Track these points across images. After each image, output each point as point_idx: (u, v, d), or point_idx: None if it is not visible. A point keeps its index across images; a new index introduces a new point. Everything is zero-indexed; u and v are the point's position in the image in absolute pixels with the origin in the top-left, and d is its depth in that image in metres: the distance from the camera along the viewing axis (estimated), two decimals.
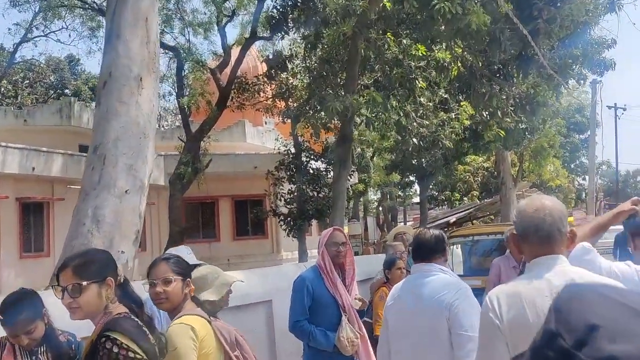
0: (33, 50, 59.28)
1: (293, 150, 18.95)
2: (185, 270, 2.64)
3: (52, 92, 31.95)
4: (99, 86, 5.86)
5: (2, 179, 15.46)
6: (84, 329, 2.56)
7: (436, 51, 11.07)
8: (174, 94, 19.34)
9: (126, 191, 5.44)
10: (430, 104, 11.80)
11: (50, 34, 24.55)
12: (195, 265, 3.73)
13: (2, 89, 30.10)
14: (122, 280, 2.31)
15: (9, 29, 58.38)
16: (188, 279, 2.61)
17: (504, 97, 11.61)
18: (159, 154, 19.53)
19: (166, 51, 19.80)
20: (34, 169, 15.86)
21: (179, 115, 21.34)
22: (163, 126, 25.62)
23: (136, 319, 2.20)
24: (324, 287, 4.08)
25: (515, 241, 2.19)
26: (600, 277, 2.14)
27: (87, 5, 19.28)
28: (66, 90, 32.10)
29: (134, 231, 5.47)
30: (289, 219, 18.25)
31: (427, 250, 3.15)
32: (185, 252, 3.82)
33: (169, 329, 2.43)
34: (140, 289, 2.64)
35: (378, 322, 5.20)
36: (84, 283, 2.13)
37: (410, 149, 13.99)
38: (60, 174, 16.18)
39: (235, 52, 18.24)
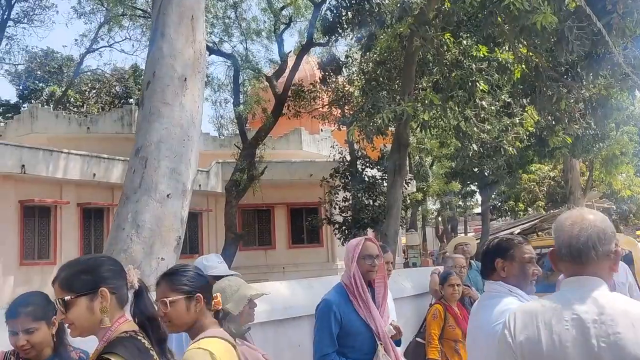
0: (98, 60, 61.61)
1: (348, 157, 18.62)
2: (191, 284, 2.30)
3: (117, 101, 32.92)
4: (143, 87, 5.71)
5: (64, 185, 15.89)
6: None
7: (498, 52, 10.47)
8: (231, 101, 19.41)
9: (168, 195, 5.23)
10: (492, 108, 11.15)
11: (114, 44, 25.34)
12: (220, 277, 3.44)
13: (70, 98, 31.29)
14: (136, 289, 1.98)
15: (76, 40, 61.00)
16: (198, 294, 2.28)
17: (573, 100, 10.85)
18: (217, 161, 19.67)
19: (225, 59, 19.99)
20: (94, 175, 16.24)
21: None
22: (222, 134, 25.82)
23: (143, 340, 1.88)
24: (354, 311, 3.36)
25: (552, 257, 1.96)
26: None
27: (147, 14, 19.66)
28: (130, 100, 33.01)
29: (175, 237, 5.25)
30: (343, 227, 17.90)
31: (483, 265, 2.77)
32: (216, 260, 3.54)
33: (184, 355, 2.11)
34: None
35: (431, 345, 4.74)
36: (67, 297, 1.85)
37: (470, 156, 13.33)
38: (120, 180, 16.44)
39: (292, 60, 18.14)
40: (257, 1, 21.18)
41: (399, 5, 9.60)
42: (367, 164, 18.52)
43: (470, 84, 10.16)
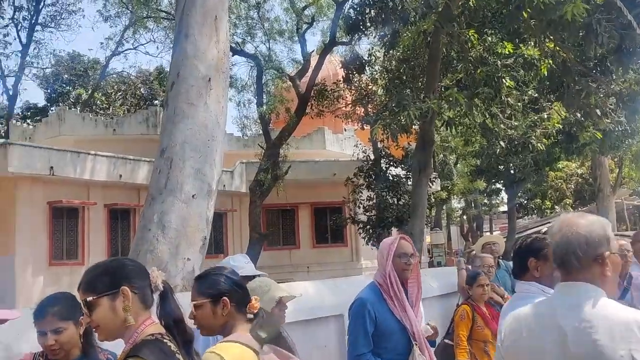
0: (124, 63, 62.56)
1: (372, 156, 18.54)
2: (218, 288, 2.28)
3: (143, 103, 33.31)
4: (167, 88, 5.74)
5: (92, 186, 16.12)
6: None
7: (524, 48, 10.29)
8: (255, 101, 19.49)
9: (193, 196, 5.24)
10: (519, 105, 10.97)
11: (139, 46, 25.66)
12: (251, 277, 3.41)
13: (97, 101, 31.75)
14: (161, 290, 1.96)
15: (101, 43, 61.80)
16: (224, 298, 2.25)
17: (602, 95, 10.61)
18: (241, 161, 19.76)
19: (248, 60, 20.08)
20: (121, 176, 16.43)
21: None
22: (245, 134, 25.96)
23: (170, 343, 1.86)
24: (389, 310, 3.29)
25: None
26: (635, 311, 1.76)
27: (171, 16, 19.83)
28: (155, 101, 33.38)
29: (201, 237, 5.26)
30: (367, 226, 17.83)
31: (515, 266, 2.75)
32: (243, 260, 3.53)
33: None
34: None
35: (460, 346, 4.66)
36: (90, 298, 1.87)
37: (497, 153, 13.14)
38: (145, 181, 16.59)
39: (314, 59, 18.13)
40: (280, 1, 21.27)
41: (423, 2, 9.50)
42: (391, 163, 18.42)
43: (495, 80, 10.01)
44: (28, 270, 14.42)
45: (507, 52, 9.90)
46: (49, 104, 33.42)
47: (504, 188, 25.51)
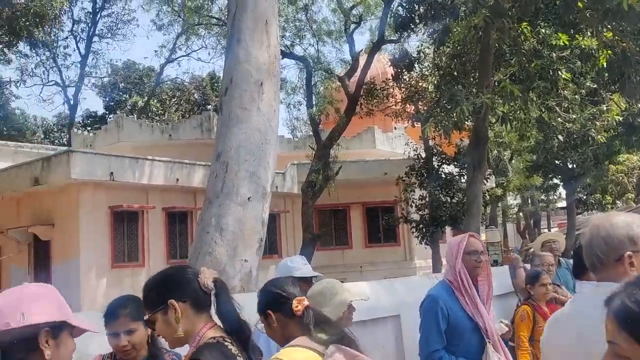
0: (177, 69, 64.22)
1: (424, 154, 18.34)
2: (260, 305, 2.33)
3: (196, 108, 34.14)
4: (221, 93, 5.86)
5: (150, 190, 16.62)
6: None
7: (580, 38, 9.96)
8: (304, 103, 19.63)
9: (248, 198, 5.34)
10: (577, 97, 10.63)
11: (191, 53, 26.24)
12: (308, 279, 3.44)
13: (152, 107, 32.72)
14: (213, 291, 1.99)
15: (155, 51, 63.61)
16: (267, 311, 2.28)
17: None
18: (292, 162, 19.94)
19: (297, 62, 20.26)
20: (177, 180, 16.87)
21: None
22: (296, 136, 26.17)
23: (230, 345, 1.90)
24: (461, 308, 3.24)
25: None
26: None
27: (221, 22, 20.21)
28: (208, 106, 34.12)
29: (257, 239, 5.35)
30: (420, 225, 17.67)
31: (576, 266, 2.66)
32: (300, 262, 3.57)
33: None
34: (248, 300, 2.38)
35: (521, 348, 4.56)
36: (145, 317, 1.98)
37: (555, 148, 12.77)
38: (201, 184, 16.96)
39: (363, 59, 18.10)
40: (327, 2, 21.32)
41: None
42: (444, 160, 18.19)
43: (551, 73, 9.75)
44: (92, 273, 14.99)
45: (563, 44, 9.61)
46: (107, 112, 34.68)
47: (562, 183, 24.77)
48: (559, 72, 9.51)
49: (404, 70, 15.73)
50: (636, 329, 1.09)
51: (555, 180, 25.81)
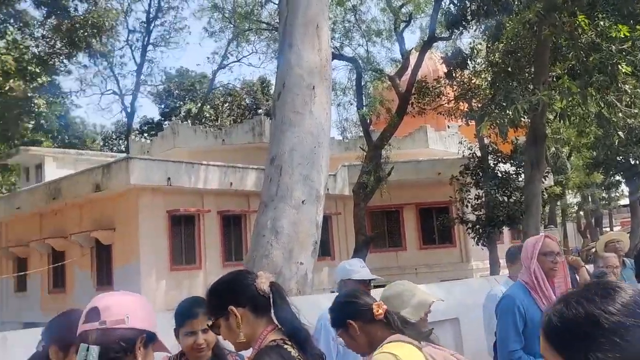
0: (229, 75, 65.47)
1: (478, 153, 17.97)
2: (340, 319, 2.37)
3: (248, 113, 34.71)
4: (274, 98, 5.92)
5: (206, 195, 16.96)
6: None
7: None
8: (355, 104, 19.59)
9: (303, 201, 5.37)
10: (638, 91, 10.18)
11: (242, 58, 26.66)
12: (367, 281, 3.42)
13: (205, 113, 33.42)
14: (268, 294, 2.01)
15: (208, 58, 64.86)
16: (349, 322, 2.31)
17: None
18: (343, 164, 19.94)
19: (346, 63, 20.27)
20: (231, 184, 17.15)
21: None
22: (346, 137, 26.16)
23: (290, 348, 1.92)
24: (538, 308, 3.22)
25: None
26: None
27: (271, 27, 20.44)
28: (259, 110, 34.63)
29: (312, 242, 5.37)
30: (477, 226, 17.30)
31: None
32: (358, 264, 3.56)
33: None
34: (315, 302, 2.40)
35: None
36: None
37: (615, 144, 12.27)
38: (254, 187, 17.23)
39: (413, 57, 17.91)
40: (376, 2, 21.23)
41: None
42: (500, 159, 17.77)
43: (610, 67, 9.37)
44: (152, 276, 15.42)
45: (623, 36, 9.23)
46: (163, 119, 35.66)
47: (624, 180, 23.75)
48: (619, 66, 9.12)
49: (456, 68, 15.46)
50: (556, 340, 1.09)
51: (617, 177, 24.80)
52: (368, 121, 18.49)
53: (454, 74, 16.22)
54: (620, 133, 10.63)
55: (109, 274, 16.08)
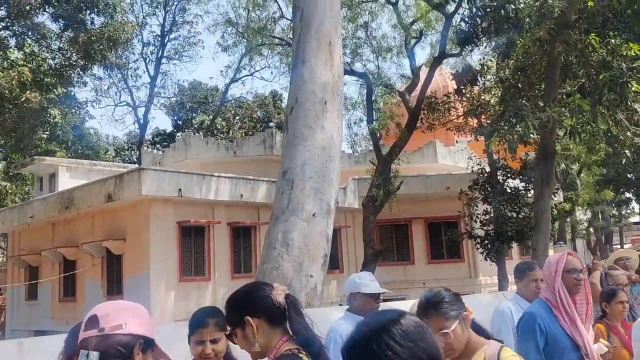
0: (241, 89, 66.04)
1: (487, 168, 18.01)
2: (456, 307, 2.30)
3: (259, 125, 34.98)
4: (287, 112, 6.05)
5: (216, 206, 17.09)
6: None
7: None
8: (365, 119, 19.75)
9: (314, 215, 5.46)
10: None
11: (255, 72, 26.92)
12: (376, 295, 3.50)
13: (217, 125, 33.69)
14: (284, 306, 2.09)
15: (221, 71, 65.42)
16: (464, 313, 2.30)
17: None
18: (353, 177, 20.03)
19: (357, 78, 20.45)
20: (242, 196, 17.27)
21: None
22: (356, 151, 26.25)
23: (305, 357, 2.01)
24: (559, 326, 3.17)
25: None
26: None
27: (284, 42, 20.68)
28: (270, 123, 34.87)
29: (322, 255, 5.46)
30: (485, 241, 17.30)
31: None
32: (367, 278, 3.63)
33: None
34: (324, 315, 2.47)
35: None
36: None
37: (624, 162, 12.29)
38: (264, 199, 17.36)
39: (424, 73, 18.06)
40: (387, 18, 21.44)
41: (536, 9, 9.22)
42: (509, 175, 17.79)
43: (620, 85, 9.43)
44: (161, 286, 15.52)
45: (634, 54, 9.31)
46: (175, 130, 35.98)
47: (635, 197, 23.66)
48: (629, 84, 9.19)
49: (467, 84, 15.56)
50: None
51: (628, 194, 24.77)
52: (378, 135, 18.62)
53: (464, 90, 16.32)
54: (627, 152, 10.67)
55: (119, 283, 16.20)
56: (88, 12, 19.60)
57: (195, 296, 15.90)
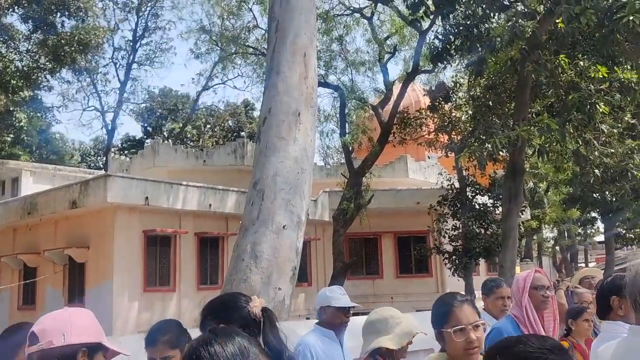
0: (213, 97, 65.64)
1: (457, 184, 18.18)
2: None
3: (230, 135, 34.72)
4: (259, 122, 5.97)
5: (183, 215, 16.82)
6: None
7: (619, 71, 9.85)
8: (338, 131, 19.76)
9: (284, 227, 5.38)
10: (615, 131, 10.46)
11: (227, 81, 26.77)
12: (346, 309, 3.43)
13: (187, 134, 33.33)
14: (260, 319, 2.04)
15: (193, 79, 64.99)
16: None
17: None
18: (324, 190, 19.98)
19: (331, 91, 20.49)
20: (210, 205, 17.03)
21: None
22: (328, 163, 26.27)
23: None
24: None
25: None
26: None
27: (258, 52, 20.62)
28: (242, 133, 34.66)
29: (291, 268, 5.37)
30: (453, 257, 17.42)
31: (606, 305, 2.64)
32: (338, 292, 3.57)
33: None
34: (292, 329, 2.39)
35: None
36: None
37: (591, 182, 12.54)
38: (234, 210, 17.16)
39: (397, 88, 18.19)
40: (362, 32, 21.57)
41: (508, 29, 9.37)
42: (477, 191, 17.99)
43: (589, 106, 9.63)
44: (124, 296, 15.15)
45: (601, 76, 9.51)
46: (144, 137, 35.47)
47: (600, 217, 24.21)
48: (597, 105, 9.38)
49: (440, 101, 15.73)
50: None
51: (593, 214, 25.31)
52: (350, 149, 18.64)
53: (438, 107, 16.49)
54: (596, 171, 10.87)
55: (81, 292, 15.76)
56: (59, 14, 19.23)
57: (160, 307, 15.57)
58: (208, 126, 35.34)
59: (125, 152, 32.81)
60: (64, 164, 28.96)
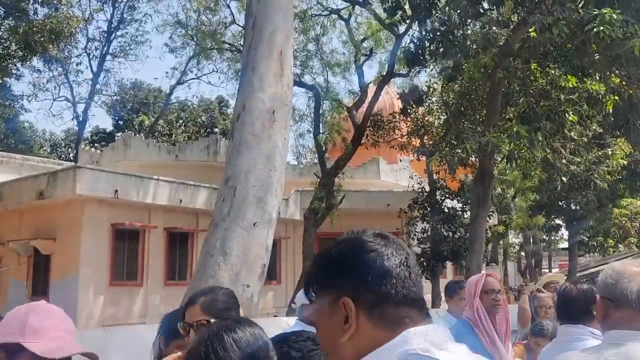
0: (187, 92, 64.84)
1: (427, 188, 18.39)
2: None
3: (203, 130, 34.42)
4: (233, 119, 5.95)
5: (153, 210, 16.64)
6: None
7: (588, 82, 10.11)
8: (312, 131, 19.80)
9: (254, 224, 5.37)
10: (583, 139, 10.74)
11: (202, 76, 26.54)
12: None
13: (159, 128, 32.94)
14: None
15: (167, 73, 64.26)
16: None
17: None
18: (296, 189, 20.00)
19: (306, 90, 20.51)
20: (181, 201, 16.89)
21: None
22: (301, 163, 26.28)
23: None
24: (480, 345, 3.25)
25: (604, 306, 2.01)
26: None
27: (234, 48, 20.52)
28: (215, 129, 34.39)
29: (260, 265, 5.37)
30: (422, 259, 17.61)
31: (575, 310, 2.63)
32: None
33: None
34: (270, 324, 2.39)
35: None
36: (212, 321, 1.97)
37: (558, 189, 12.83)
38: (204, 206, 17.04)
39: (372, 90, 18.30)
40: (339, 33, 21.65)
41: (482, 36, 9.53)
42: (447, 195, 18.22)
43: (558, 115, 9.87)
44: (90, 290, 14.92)
45: (571, 86, 9.76)
46: (116, 130, 34.93)
47: (564, 224, 24.75)
48: (567, 114, 9.62)
49: (413, 105, 15.90)
50: None
51: (558, 221, 25.83)
52: (323, 149, 18.69)
53: (410, 110, 16.65)
54: (563, 178, 11.13)
55: (46, 285, 15.48)
56: (31, 1, 18.80)
57: (126, 301, 15.41)
58: (181, 121, 34.99)
59: (96, 144, 32.27)
60: (32, 154, 28.35)
